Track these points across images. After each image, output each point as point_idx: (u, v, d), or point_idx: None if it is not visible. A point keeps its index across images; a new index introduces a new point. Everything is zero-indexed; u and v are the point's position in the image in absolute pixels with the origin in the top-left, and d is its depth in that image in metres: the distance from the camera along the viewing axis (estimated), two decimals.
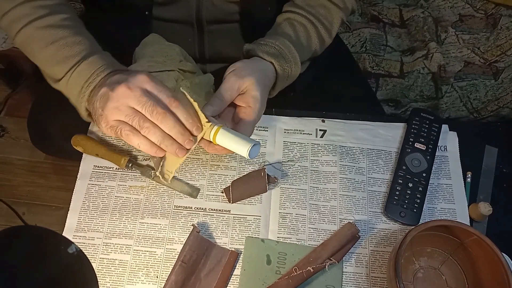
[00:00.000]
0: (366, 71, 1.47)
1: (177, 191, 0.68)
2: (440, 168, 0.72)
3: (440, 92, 1.41)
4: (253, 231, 0.66)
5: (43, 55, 0.62)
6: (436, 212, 0.68)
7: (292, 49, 0.68)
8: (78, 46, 0.61)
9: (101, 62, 0.60)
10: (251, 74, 0.62)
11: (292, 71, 0.69)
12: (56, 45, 0.61)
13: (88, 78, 0.59)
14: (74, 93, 0.61)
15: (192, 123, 0.57)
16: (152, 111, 0.55)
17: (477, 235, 0.58)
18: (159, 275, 0.62)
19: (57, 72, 0.61)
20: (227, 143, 0.58)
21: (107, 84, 0.57)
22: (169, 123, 0.56)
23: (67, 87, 0.62)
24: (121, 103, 0.55)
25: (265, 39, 0.69)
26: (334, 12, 0.73)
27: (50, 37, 0.61)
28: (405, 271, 0.63)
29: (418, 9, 1.59)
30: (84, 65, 0.60)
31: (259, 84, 0.62)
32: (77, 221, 0.66)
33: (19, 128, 1.47)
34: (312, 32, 0.72)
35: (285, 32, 0.70)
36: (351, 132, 0.74)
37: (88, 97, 0.59)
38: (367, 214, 0.68)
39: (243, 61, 0.65)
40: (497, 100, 1.40)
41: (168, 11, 0.75)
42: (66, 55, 0.60)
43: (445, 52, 1.49)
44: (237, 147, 0.58)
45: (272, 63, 0.66)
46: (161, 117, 0.55)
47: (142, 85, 0.55)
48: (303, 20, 0.71)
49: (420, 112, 0.75)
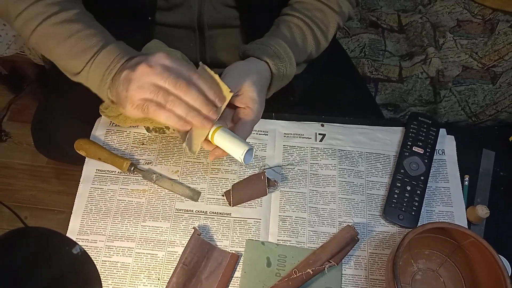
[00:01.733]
0: (365, 76, 1.48)
1: (178, 194, 0.69)
2: (438, 171, 0.72)
3: (439, 96, 1.42)
4: (253, 234, 0.67)
5: (61, 50, 0.63)
6: (434, 215, 0.69)
7: (288, 49, 0.69)
8: (94, 38, 0.62)
9: (119, 50, 0.61)
10: (247, 75, 0.63)
11: (287, 71, 0.69)
12: (73, 39, 0.62)
13: (108, 66, 0.60)
14: (95, 83, 0.62)
15: (214, 93, 0.58)
16: (176, 83, 0.55)
17: (474, 237, 0.59)
18: (160, 277, 0.63)
19: (77, 65, 0.63)
20: (224, 144, 0.59)
21: (127, 67, 0.58)
22: (193, 94, 0.56)
23: (87, 78, 0.63)
24: (143, 81, 0.56)
25: (261, 40, 0.70)
26: (330, 16, 0.74)
27: (66, 32, 0.62)
28: (403, 273, 0.63)
29: (416, 14, 1.60)
30: (102, 54, 0.61)
31: (255, 85, 0.63)
32: (80, 224, 0.66)
33: (22, 133, 1.48)
34: (308, 34, 0.73)
35: (281, 33, 0.71)
36: (350, 136, 0.75)
37: (110, 84, 0.60)
38: (366, 217, 0.68)
39: (239, 63, 0.66)
40: (495, 105, 1.41)
41: (170, 17, 0.76)
42: (83, 47, 0.62)
43: (443, 57, 1.51)
44: (233, 149, 0.59)
45: (267, 62, 0.67)
46: (184, 89, 0.56)
47: (162, 62, 0.56)
48: (299, 22, 0.72)
49: (418, 116, 0.76)
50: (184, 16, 0.76)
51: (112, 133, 0.74)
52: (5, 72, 1.48)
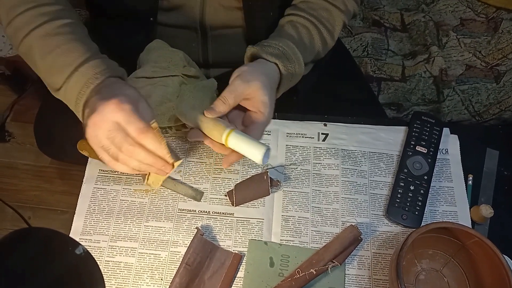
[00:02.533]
0: (368, 75, 1.48)
1: (181, 194, 0.69)
2: (441, 171, 0.72)
3: (442, 95, 1.42)
4: (256, 234, 0.66)
5: (42, 65, 0.62)
6: (438, 214, 0.69)
7: (296, 50, 0.69)
8: (71, 54, 0.60)
9: (92, 71, 0.59)
10: (257, 78, 0.62)
11: (296, 71, 0.69)
12: (53, 55, 0.60)
13: (80, 89, 0.58)
14: (71, 104, 0.61)
15: (163, 153, 0.56)
16: (121, 147, 0.54)
17: (478, 237, 0.58)
18: (163, 277, 0.63)
19: (56, 82, 0.61)
20: (240, 146, 0.58)
21: (88, 106, 0.56)
22: (139, 157, 0.55)
23: (65, 97, 0.61)
24: (95, 133, 0.54)
25: (268, 41, 0.69)
26: (336, 15, 0.74)
27: (46, 47, 0.60)
28: (407, 273, 0.63)
29: (419, 13, 1.60)
30: (76, 76, 0.59)
31: (266, 88, 0.62)
32: (83, 224, 0.66)
33: (25, 133, 1.48)
34: (315, 34, 0.73)
35: (288, 34, 0.71)
36: (353, 136, 0.75)
37: (82, 109, 0.59)
38: (369, 217, 0.68)
39: (248, 65, 0.66)
40: (499, 103, 1.40)
41: (172, 17, 0.76)
42: (61, 65, 0.60)
43: (446, 56, 1.50)
44: (250, 151, 0.58)
45: (276, 64, 0.67)
46: (130, 152, 0.54)
47: (111, 117, 0.53)
48: (306, 23, 0.72)
49: (421, 115, 0.75)
50: (186, 17, 0.76)
51: None
52: (8, 72, 1.49)
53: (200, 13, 0.75)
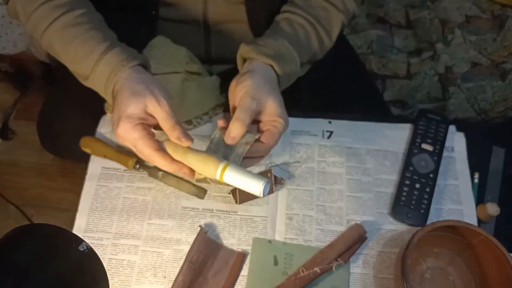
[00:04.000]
0: (372, 72, 1.47)
1: (184, 192, 0.69)
2: (447, 169, 0.71)
3: (447, 93, 1.41)
4: (260, 232, 0.66)
5: (66, 56, 0.64)
6: (443, 213, 0.68)
7: (291, 50, 0.67)
8: (91, 42, 0.62)
9: (117, 58, 0.61)
10: (267, 92, 0.60)
11: (292, 71, 0.68)
12: (74, 45, 0.62)
13: (108, 77, 0.60)
14: (101, 91, 0.63)
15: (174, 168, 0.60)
16: (140, 153, 0.60)
17: (484, 235, 0.58)
18: (166, 275, 0.62)
19: (83, 72, 0.63)
20: (237, 182, 0.56)
21: (115, 108, 0.59)
22: (159, 164, 0.60)
23: (94, 85, 0.64)
24: (121, 138, 0.59)
25: (264, 40, 0.68)
26: (334, 15, 0.73)
27: (67, 38, 0.63)
28: (412, 271, 0.63)
29: (424, 10, 1.59)
30: (102, 64, 0.61)
31: (276, 100, 0.61)
32: (86, 222, 0.66)
33: (28, 131, 1.48)
34: (312, 34, 0.71)
35: (284, 32, 0.69)
36: (358, 133, 0.74)
37: (112, 94, 0.61)
38: (374, 215, 0.68)
39: (250, 77, 0.62)
40: (505, 101, 1.39)
41: (175, 12, 0.76)
42: (84, 53, 0.62)
43: (451, 53, 1.49)
44: (249, 184, 0.55)
45: (272, 66, 0.65)
46: (150, 160, 0.60)
47: (129, 138, 0.58)
48: (302, 21, 0.71)
49: (427, 113, 0.74)
50: (188, 11, 0.75)
51: None
52: (11, 70, 1.49)
53: (202, 7, 0.75)
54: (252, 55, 0.65)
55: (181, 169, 0.60)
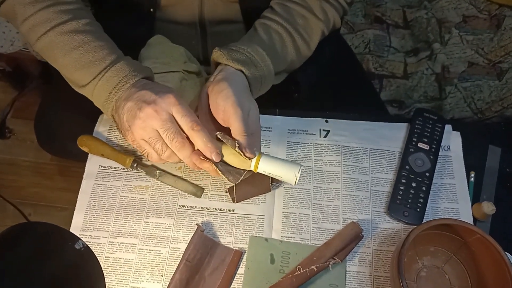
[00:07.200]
0: (369, 72, 1.48)
1: (181, 190, 0.69)
2: (443, 167, 0.72)
3: (444, 92, 1.41)
4: (257, 230, 0.66)
5: (66, 60, 0.63)
6: (439, 211, 0.68)
7: (264, 56, 0.66)
8: (102, 51, 0.62)
9: (128, 69, 0.61)
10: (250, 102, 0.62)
11: (263, 77, 0.67)
12: (80, 50, 0.62)
13: (116, 84, 0.60)
14: (100, 99, 0.62)
15: (211, 147, 0.58)
16: (172, 139, 0.57)
17: (480, 234, 0.58)
18: (164, 273, 0.63)
19: (83, 78, 0.63)
20: (272, 170, 0.59)
21: (135, 99, 0.58)
22: (184, 154, 0.59)
23: (93, 93, 0.63)
24: (147, 124, 0.57)
25: (237, 45, 0.67)
26: (313, 23, 0.72)
27: (73, 43, 0.62)
28: (408, 270, 0.63)
29: (421, 10, 1.59)
30: (112, 71, 0.61)
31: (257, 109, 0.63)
32: (83, 220, 0.66)
33: (26, 130, 1.48)
34: (288, 42, 0.70)
35: (259, 39, 0.69)
36: (355, 132, 0.75)
37: (114, 103, 0.61)
38: (371, 214, 0.68)
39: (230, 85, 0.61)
40: (501, 101, 1.40)
41: (172, 13, 0.76)
42: (90, 60, 0.62)
43: (448, 53, 1.50)
44: (284, 172, 0.59)
45: (241, 71, 0.64)
46: (179, 146, 0.58)
47: (168, 109, 0.57)
48: (279, 29, 0.70)
49: (423, 112, 0.75)
50: (184, 12, 0.76)
51: (115, 129, 0.74)
52: (9, 69, 1.48)
53: (199, 7, 0.75)
54: (223, 60, 0.65)
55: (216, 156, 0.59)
